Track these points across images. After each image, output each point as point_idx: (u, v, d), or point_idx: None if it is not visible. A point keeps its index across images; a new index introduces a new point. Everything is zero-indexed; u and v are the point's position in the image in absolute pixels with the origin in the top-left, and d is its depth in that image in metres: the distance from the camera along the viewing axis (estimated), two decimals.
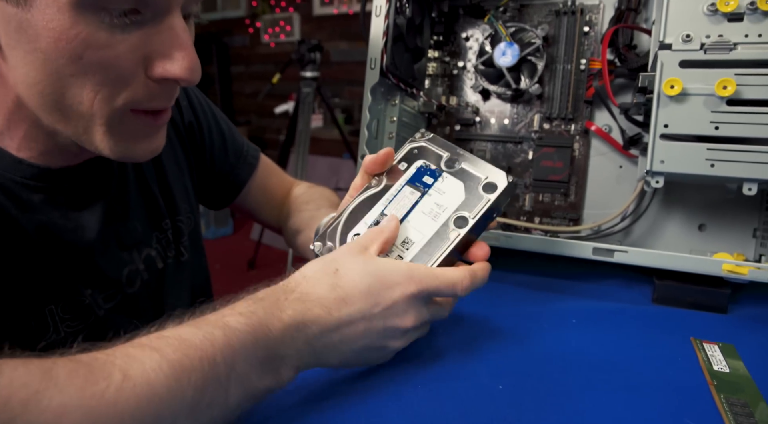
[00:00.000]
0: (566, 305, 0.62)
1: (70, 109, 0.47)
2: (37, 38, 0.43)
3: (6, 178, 0.52)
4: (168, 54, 0.47)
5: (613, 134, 0.79)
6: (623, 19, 0.76)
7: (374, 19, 0.72)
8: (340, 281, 0.44)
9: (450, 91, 0.89)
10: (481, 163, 0.52)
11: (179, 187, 0.73)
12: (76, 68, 0.44)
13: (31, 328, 0.52)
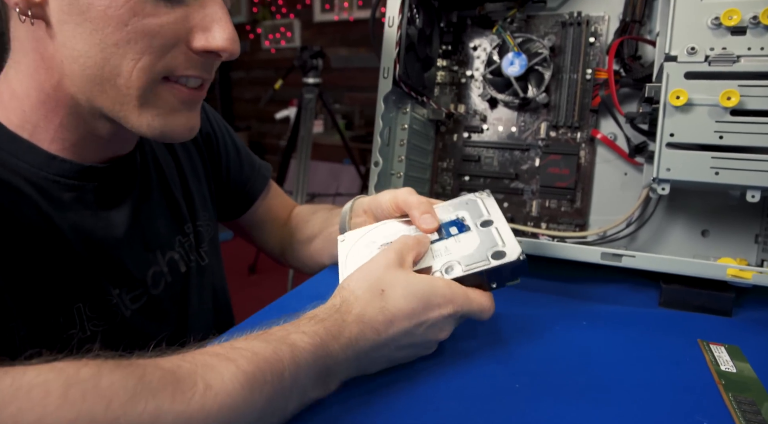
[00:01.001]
0: (576, 308, 0.64)
1: (108, 82, 0.50)
2: (89, 8, 0.47)
3: (39, 176, 0.54)
4: (209, 28, 0.51)
5: (618, 142, 0.81)
6: (628, 30, 0.78)
7: (387, 30, 0.74)
8: (388, 304, 0.47)
9: (458, 99, 0.91)
10: (509, 236, 0.53)
11: (199, 195, 0.75)
12: (120, 36, 0.48)
13: (59, 324, 0.54)
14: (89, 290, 0.57)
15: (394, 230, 0.59)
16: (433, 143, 0.91)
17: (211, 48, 0.51)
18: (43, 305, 0.53)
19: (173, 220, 0.70)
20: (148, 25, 0.48)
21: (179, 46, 0.51)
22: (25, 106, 0.53)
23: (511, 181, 0.87)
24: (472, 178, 0.90)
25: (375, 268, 0.49)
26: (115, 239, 0.60)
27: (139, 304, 0.63)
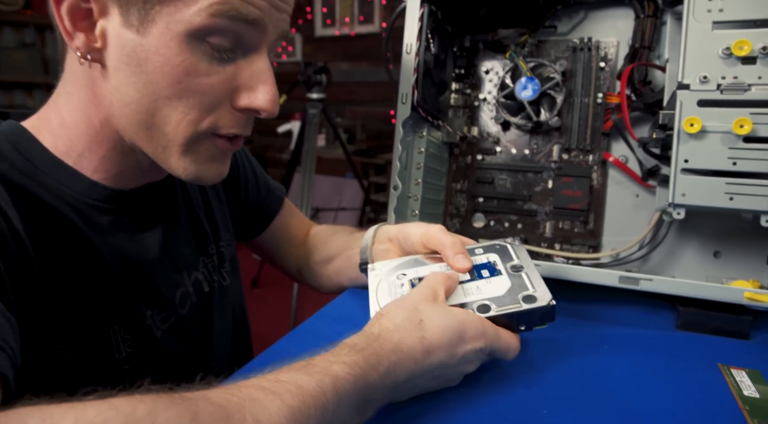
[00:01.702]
0: (595, 331, 0.65)
1: (156, 128, 0.53)
2: (146, 61, 0.50)
3: (81, 201, 0.56)
4: (253, 87, 0.53)
5: (629, 164, 0.82)
6: (637, 56, 0.80)
7: (405, 57, 0.76)
8: (426, 334, 0.48)
9: (471, 121, 0.93)
10: (540, 282, 0.55)
11: (221, 216, 0.77)
12: (173, 91, 0.51)
13: (98, 347, 0.56)
14: (125, 311, 0.59)
15: (425, 265, 0.62)
16: (447, 165, 0.93)
17: (253, 107, 0.53)
18: (83, 328, 0.55)
19: (198, 241, 0.72)
20: (199, 84, 0.51)
21: (224, 104, 0.53)
22: (72, 135, 0.56)
23: (524, 203, 0.88)
24: (486, 199, 0.91)
25: (411, 300, 0.51)
26: (148, 261, 0.62)
27: (168, 324, 0.65)
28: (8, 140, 0.55)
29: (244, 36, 0.51)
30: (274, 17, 0.52)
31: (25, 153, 0.55)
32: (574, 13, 0.86)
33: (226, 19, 0.48)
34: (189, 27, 0.48)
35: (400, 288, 0.59)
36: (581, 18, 0.86)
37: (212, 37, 0.49)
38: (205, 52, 0.50)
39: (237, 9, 0.48)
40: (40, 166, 0.55)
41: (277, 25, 0.53)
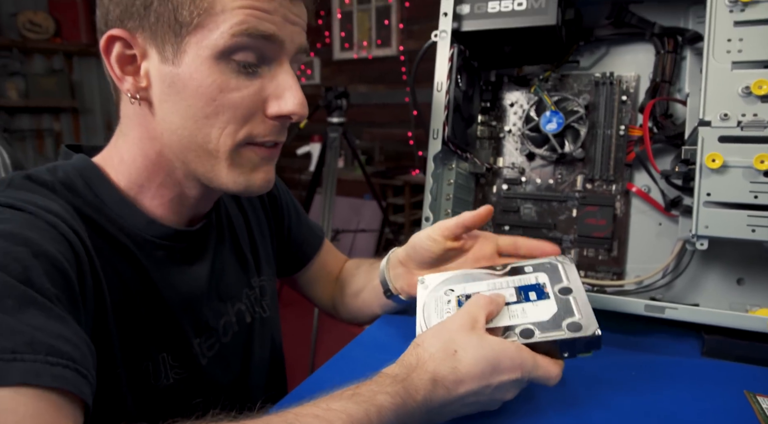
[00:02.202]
0: (622, 358, 0.68)
1: (201, 147, 0.58)
2: (183, 88, 0.56)
3: (140, 236, 0.62)
4: (281, 95, 0.59)
5: (652, 194, 0.85)
6: (659, 90, 0.83)
7: (436, 94, 0.80)
8: (459, 365, 0.51)
9: (496, 152, 0.96)
10: (587, 309, 0.55)
11: (264, 251, 0.82)
12: (210, 110, 0.56)
13: (148, 372, 0.61)
14: (175, 339, 0.64)
15: (473, 282, 0.63)
16: (473, 195, 0.96)
17: (283, 113, 0.59)
18: (137, 353, 0.60)
19: (242, 273, 0.77)
20: (232, 99, 0.57)
21: (257, 115, 0.59)
22: (131, 170, 0.62)
23: (549, 231, 0.91)
24: (512, 227, 0.94)
25: (448, 328, 0.54)
26: (197, 292, 0.67)
27: (213, 352, 0.69)
28: (81, 175, 0.61)
29: (265, 50, 0.57)
30: (288, 30, 0.58)
31: (95, 189, 0.61)
32: (595, 48, 0.90)
33: (246, 37, 0.54)
34: (215, 50, 0.54)
35: (446, 305, 0.60)
36: (603, 53, 0.90)
37: (236, 54, 0.55)
38: (233, 70, 0.56)
39: (254, 26, 0.54)
40: (108, 202, 0.61)
41: (293, 39, 0.59)
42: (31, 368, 0.39)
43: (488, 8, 0.80)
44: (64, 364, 0.41)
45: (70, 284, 0.49)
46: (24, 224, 0.49)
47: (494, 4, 0.79)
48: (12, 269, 0.44)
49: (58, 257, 0.49)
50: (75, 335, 0.45)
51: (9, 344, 0.39)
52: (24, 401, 0.38)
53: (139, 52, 0.57)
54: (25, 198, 0.53)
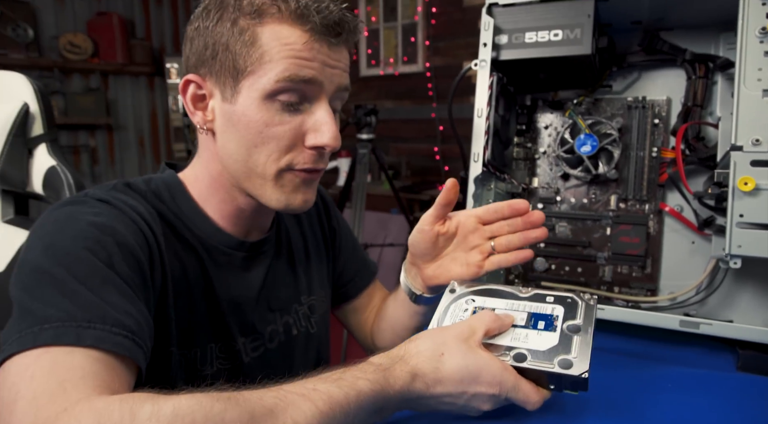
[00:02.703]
0: (658, 371, 0.71)
1: (251, 170, 0.69)
2: (238, 122, 0.67)
3: (208, 242, 0.74)
4: (318, 129, 0.67)
5: (684, 213, 0.89)
6: (690, 114, 0.86)
7: (476, 120, 0.85)
8: (442, 367, 0.55)
9: (531, 173, 1.00)
10: (586, 350, 0.56)
11: (319, 274, 0.90)
12: (258, 140, 0.67)
13: (197, 358, 0.71)
14: (222, 334, 0.74)
15: (495, 298, 0.66)
16: None
17: (319, 144, 0.68)
18: (190, 339, 0.70)
19: (294, 289, 0.85)
20: (276, 132, 0.66)
21: (297, 145, 0.68)
22: (201, 185, 0.75)
23: (584, 248, 0.95)
24: (547, 245, 0.98)
25: (445, 333, 0.58)
26: (248, 297, 0.77)
27: (256, 353, 0.78)
28: (167, 187, 0.74)
29: (305, 91, 0.66)
30: (327, 74, 0.67)
31: (176, 199, 0.74)
32: (628, 73, 0.94)
33: (289, 82, 0.64)
34: (263, 92, 0.65)
35: (463, 313, 0.65)
36: (635, 78, 0.94)
37: (281, 96, 0.65)
38: (278, 108, 0.66)
39: (296, 73, 0.64)
40: (184, 210, 0.73)
41: (332, 80, 0.68)
42: (99, 335, 0.51)
43: (525, 38, 0.84)
44: (124, 334, 0.53)
45: (143, 270, 0.61)
46: (113, 218, 0.61)
47: (531, 35, 0.84)
48: (100, 254, 0.57)
49: (136, 247, 0.61)
50: (139, 313, 0.56)
51: (87, 315, 0.52)
52: (90, 361, 0.49)
53: (207, 92, 0.69)
54: (120, 198, 0.66)
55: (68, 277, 0.54)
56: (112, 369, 0.51)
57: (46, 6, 4.34)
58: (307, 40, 0.64)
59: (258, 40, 0.64)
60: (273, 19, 0.64)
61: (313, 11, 0.64)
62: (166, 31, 5.33)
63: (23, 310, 0.52)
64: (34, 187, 1.14)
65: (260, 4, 0.64)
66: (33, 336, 0.49)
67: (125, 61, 4.70)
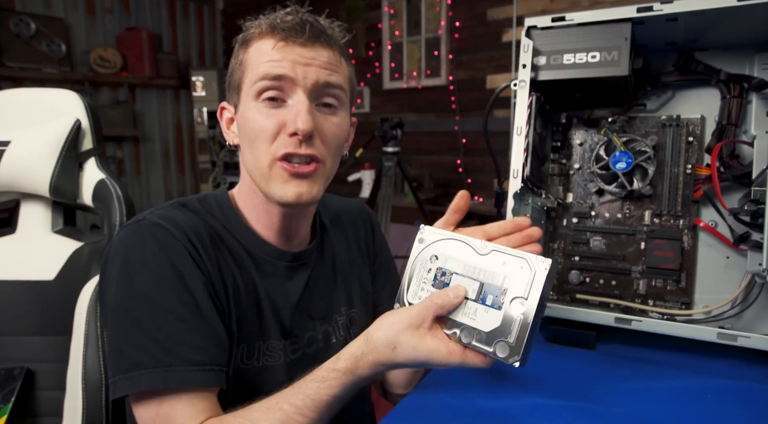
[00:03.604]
0: (697, 382, 0.73)
1: (255, 169, 0.77)
2: (242, 128, 0.78)
3: (253, 252, 0.82)
4: (293, 118, 0.74)
5: (719, 228, 0.91)
6: (725, 133, 0.89)
7: (515, 138, 0.88)
8: (396, 355, 0.64)
9: (566, 188, 1.03)
10: (524, 333, 0.59)
11: (360, 291, 0.96)
12: (252, 136, 0.76)
13: (244, 352, 0.79)
14: (267, 334, 0.81)
15: (456, 253, 0.67)
16: (545, 228, 1.03)
17: (291, 130, 0.74)
18: (242, 337, 0.78)
19: (334, 301, 0.90)
20: (262, 125, 0.75)
21: (280, 135, 0.75)
22: (245, 197, 0.84)
23: (618, 262, 0.97)
24: (581, 258, 1.00)
25: (397, 327, 0.64)
26: (289, 304, 0.84)
27: (296, 356, 0.84)
28: (218, 203, 0.84)
29: (282, 87, 0.75)
30: (299, 71, 0.75)
31: (225, 214, 0.83)
32: (662, 92, 0.97)
33: (265, 80, 0.74)
34: (250, 95, 0.76)
35: (426, 274, 0.68)
36: (669, 97, 0.96)
37: (262, 95, 0.75)
38: (264, 107, 0.75)
39: (268, 71, 0.74)
40: (233, 224, 0.83)
41: (306, 75, 0.75)
42: (182, 377, 0.67)
43: (564, 60, 0.87)
44: (200, 369, 0.67)
45: (206, 287, 0.72)
46: (169, 247, 0.72)
47: (569, 57, 0.87)
48: (170, 293, 0.69)
49: (194, 271, 0.72)
50: (212, 337, 0.70)
51: (170, 359, 0.67)
52: (183, 402, 0.67)
53: (231, 113, 0.82)
54: (172, 217, 0.75)
55: (150, 322, 0.68)
56: (199, 398, 0.68)
57: (79, 22, 4.47)
58: (276, 44, 0.75)
59: (245, 59, 0.78)
60: (254, 39, 0.78)
61: (280, 21, 0.76)
62: (192, 45, 5.45)
63: (117, 349, 0.69)
64: (84, 200, 1.19)
65: (247, 34, 0.79)
66: (136, 381, 0.66)
67: (152, 74, 4.81)
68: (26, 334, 1.09)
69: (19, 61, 4.00)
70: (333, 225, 0.97)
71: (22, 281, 1.10)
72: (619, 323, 0.85)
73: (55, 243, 1.17)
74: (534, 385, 0.76)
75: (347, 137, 0.85)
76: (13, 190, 1.18)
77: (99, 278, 0.78)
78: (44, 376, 1.08)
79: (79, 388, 1.00)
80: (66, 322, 1.05)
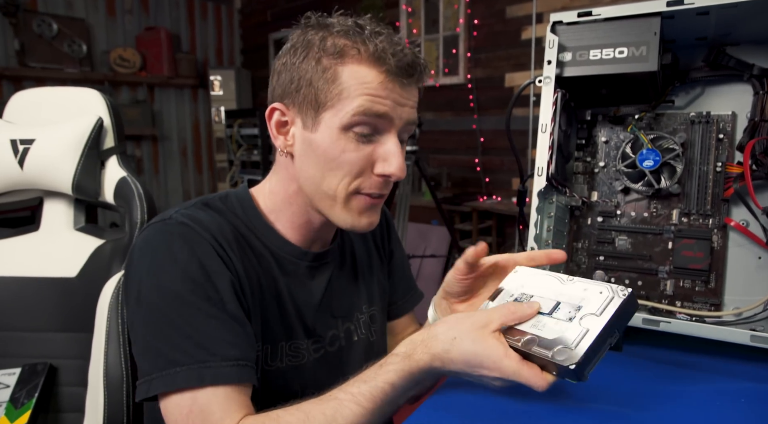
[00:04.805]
0: (730, 386, 0.71)
1: (324, 192, 0.76)
2: (317, 149, 0.75)
3: (277, 252, 0.82)
4: (386, 159, 0.74)
5: (750, 228, 0.88)
6: (758, 129, 0.86)
7: (540, 135, 0.87)
8: (452, 348, 0.63)
9: (591, 186, 1.01)
10: (587, 343, 0.57)
11: (379, 288, 0.96)
12: (333, 165, 0.74)
13: (267, 354, 0.79)
14: (290, 334, 0.81)
15: (538, 283, 0.69)
16: (568, 227, 1.01)
17: (385, 173, 0.75)
18: (262, 336, 0.78)
19: (355, 299, 0.91)
20: (348, 158, 0.74)
21: (366, 171, 0.75)
22: (276, 199, 0.83)
23: (644, 262, 0.95)
24: (606, 257, 0.99)
25: (463, 321, 0.64)
26: (311, 303, 0.85)
27: (318, 355, 0.84)
28: (240, 203, 0.83)
29: (377, 125, 0.73)
30: (397, 111, 0.73)
31: (248, 214, 0.82)
32: (691, 88, 0.94)
33: (363, 116, 0.72)
34: (341, 124, 0.72)
35: (509, 297, 0.69)
36: (698, 93, 0.94)
37: (356, 127, 0.72)
38: (352, 138, 0.73)
39: (370, 108, 0.71)
40: (256, 224, 0.82)
41: (401, 116, 0.74)
42: (216, 373, 0.66)
43: (590, 56, 0.86)
44: (234, 364, 0.67)
45: (233, 285, 0.72)
46: (195, 245, 0.71)
47: (596, 52, 0.85)
48: (199, 292, 0.69)
49: (221, 269, 0.71)
50: (241, 334, 0.70)
51: (203, 355, 0.66)
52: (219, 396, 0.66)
53: (290, 120, 0.78)
54: (197, 217, 0.75)
55: (181, 319, 0.68)
56: (235, 393, 0.67)
57: (99, 22, 4.53)
58: (382, 79, 0.71)
59: (339, 78, 0.71)
60: (353, 59, 0.72)
61: (389, 54, 0.71)
62: (210, 45, 5.49)
63: (150, 347, 0.68)
64: (105, 197, 1.20)
65: (342, 46, 0.72)
66: (171, 378, 0.66)
67: (171, 73, 4.86)
68: (49, 330, 1.10)
69: (41, 61, 4.06)
70: None
71: (45, 277, 1.11)
72: (647, 325, 0.83)
73: (78, 240, 1.18)
74: (560, 387, 0.74)
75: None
76: (37, 187, 1.19)
77: (123, 277, 0.77)
78: (67, 372, 1.09)
79: (100, 384, 1.00)
80: (88, 318, 1.06)
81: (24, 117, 1.21)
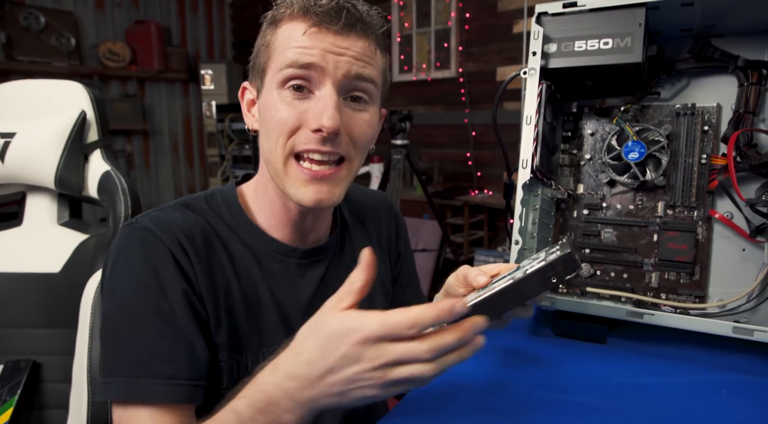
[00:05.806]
0: (712, 378, 0.71)
1: (268, 159, 0.73)
2: (263, 115, 0.74)
3: (261, 250, 0.79)
4: (319, 113, 0.69)
5: (734, 220, 0.88)
6: (742, 121, 0.86)
7: (525, 127, 0.86)
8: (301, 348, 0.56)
9: (576, 179, 1.01)
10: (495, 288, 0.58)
11: (382, 290, 0.94)
12: (269, 127, 0.72)
13: (247, 363, 0.75)
14: (274, 339, 0.76)
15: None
16: (554, 219, 1.01)
17: (315, 127, 0.69)
18: (240, 345, 0.74)
19: None
20: (283, 115, 0.70)
21: (302, 129, 0.70)
22: (256, 190, 0.81)
23: (630, 254, 0.95)
24: (592, 250, 0.98)
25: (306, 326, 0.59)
26: (299, 303, 0.80)
27: None
28: (225, 202, 0.80)
29: (310, 77, 0.70)
30: (330, 60, 0.69)
31: (232, 212, 0.80)
32: (676, 80, 0.94)
33: (291, 68, 0.69)
34: (275, 81, 0.71)
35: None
36: (684, 85, 0.93)
37: (288, 83, 0.70)
38: (288, 96, 0.70)
39: (297, 60, 0.69)
40: (240, 223, 0.79)
41: (338, 66, 0.70)
42: (147, 389, 0.64)
43: (575, 47, 0.85)
44: (168, 383, 0.65)
45: (189, 298, 0.69)
46: (154, 254, 0.69)
47: (581, 44, 0.85)
48: (147, 302, 0.67)
49: (178, 280, 0.68)
50: (185, 350, 0.67)
51: (138, 370, 0.64)
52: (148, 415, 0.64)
53: (253, 95, 0.78)
54: (166, 220, 0.72)
55: (127, 330, 0.66)
56: (162, 414, 0.64)
57: (88, 15, 4.48)
58: (309, 30, 0.69)
59: (273, 41, 0.72)
60: (285, 20, 0.72)
61: (314, 4, 0.70)
62: (201, 38, 5.45)
63: (102, 352, 0.68)
64: (89, 192, 1.19)
65: (276, 13, 0.73)
66: (107, 388, 0.65)
67: (161, 67, 4.82)
68: (33, 326, 1.09)
69: (28, 55, 4.02)
70: (355, 220, 0.95)
71: (28, 273, 1.10)
72: (630, 317, 0.83)
73: (61, 235, 1.16)
74: (543, 380, 0.74)
75: (376, 134, 0.80)
76: (19, 182, 1.18)
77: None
78: (51, 368, 1.08)
79: (84, 381, 0.99)
80: (72, 314, 1.05)
81: (5, 110, 1.20)
